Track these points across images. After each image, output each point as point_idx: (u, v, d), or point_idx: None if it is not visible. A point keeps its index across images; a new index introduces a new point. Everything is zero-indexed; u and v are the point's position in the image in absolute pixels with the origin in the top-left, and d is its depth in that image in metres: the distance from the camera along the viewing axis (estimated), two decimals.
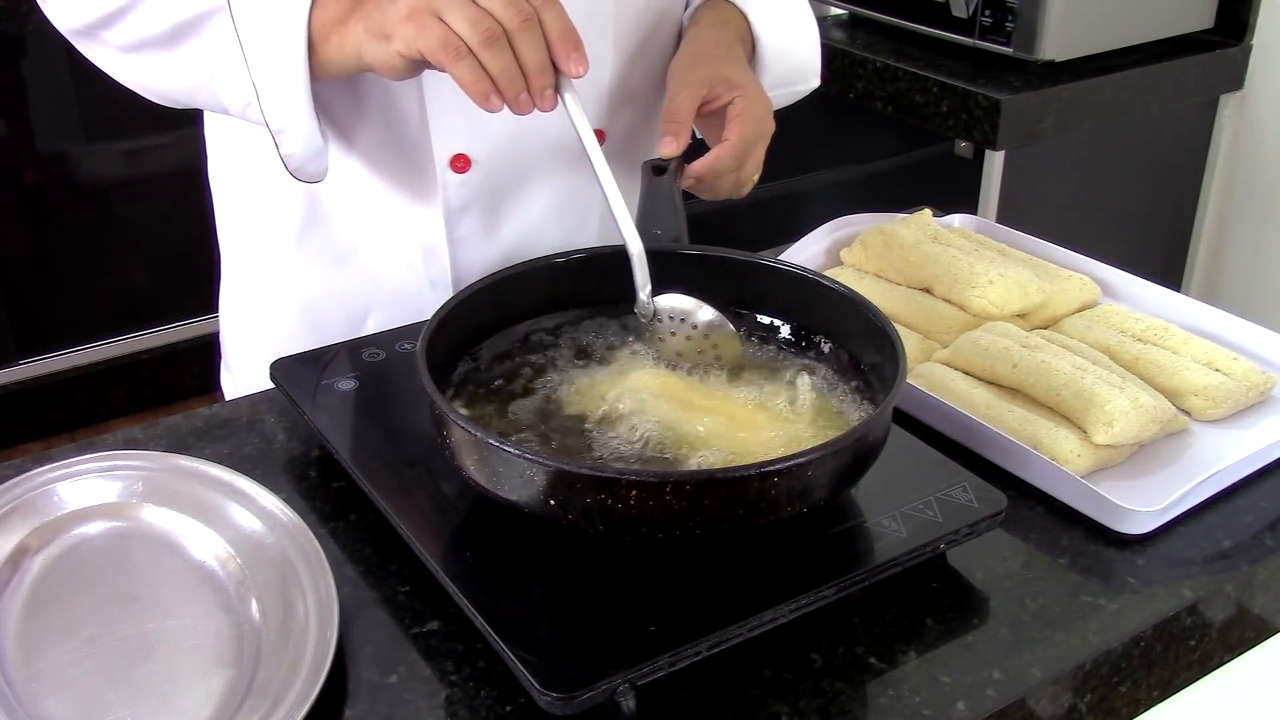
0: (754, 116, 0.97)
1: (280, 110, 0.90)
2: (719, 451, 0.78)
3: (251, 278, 1.15)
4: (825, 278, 0.89)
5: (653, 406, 0.82)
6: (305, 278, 1.10)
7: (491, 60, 0.80)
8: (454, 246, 1.05)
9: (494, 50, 0.79)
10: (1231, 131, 2.20)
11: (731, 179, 0.98)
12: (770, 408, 0.83)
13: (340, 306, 1.10)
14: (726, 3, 1.07)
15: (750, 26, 1.07)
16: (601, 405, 0.83)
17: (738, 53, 1.03)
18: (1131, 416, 0.90)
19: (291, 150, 0.92)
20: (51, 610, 0.74)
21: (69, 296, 2.68)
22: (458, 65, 0.80)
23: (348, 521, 0.84)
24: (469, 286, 0.87)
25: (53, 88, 2.54)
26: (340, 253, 1.08)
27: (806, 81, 1.13)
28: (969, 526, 0.78)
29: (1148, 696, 0.81)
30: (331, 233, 1.07)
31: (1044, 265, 1.13)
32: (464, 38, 0.79)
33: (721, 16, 1.06)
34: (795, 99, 1.14)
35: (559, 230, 1.09)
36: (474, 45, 0.79)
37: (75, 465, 0.82)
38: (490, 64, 0.80)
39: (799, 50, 1.11)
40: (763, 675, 0.72)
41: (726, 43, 1.03)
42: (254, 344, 1.17)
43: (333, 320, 1.10)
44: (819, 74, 1.14)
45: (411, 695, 0.71)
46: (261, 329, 1.16)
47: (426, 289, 1.07)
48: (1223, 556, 0.84)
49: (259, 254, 1.12)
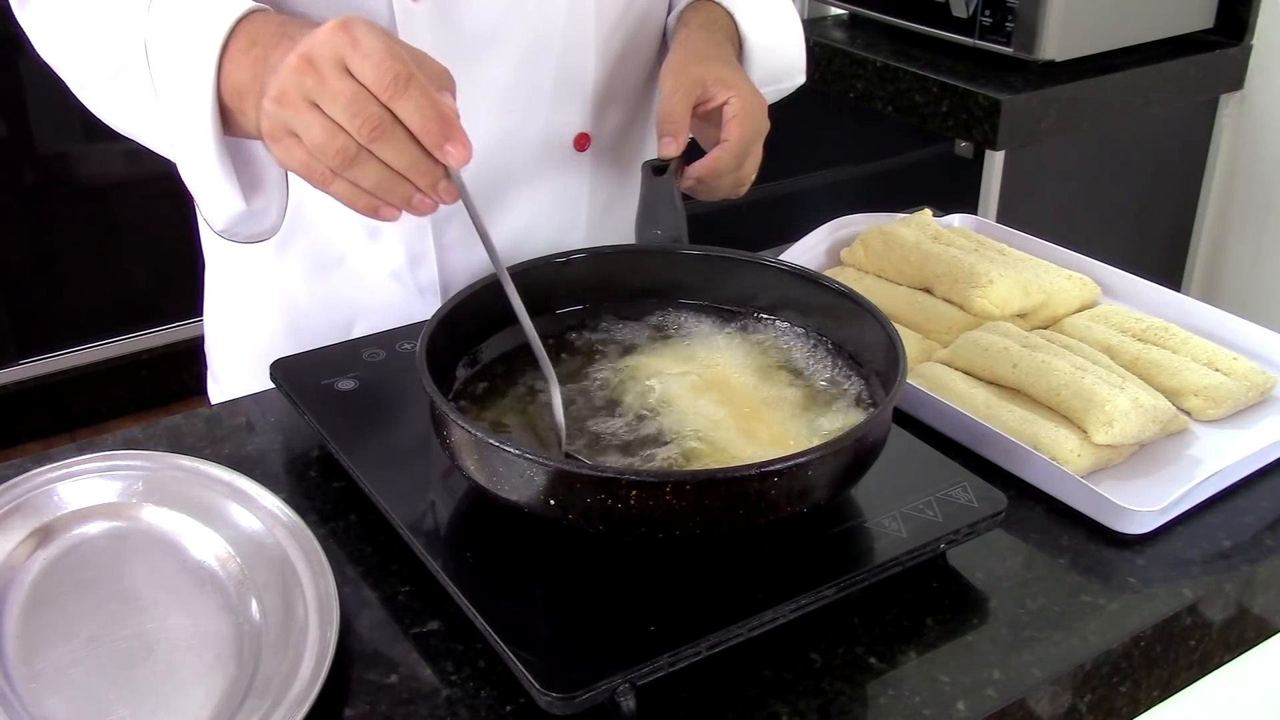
0: (751, 116, 0.97)
1: (195, 176, 0.83)
2: (723, 450, 0.78)
3: (235, 285, 1.14)
4: (825, 278, 0.89)
5: (657, 403, 0.82)
6: (289, 285, 1.08)
7: (360, 178, 0.71)
8: (441, 253, 1.04)
9: (357, 169, 0.71)
10: (1231, 131, 2.20)
11: (731, 179, 0.99)
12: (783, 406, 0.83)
13: (325, 314, 1.09)
14: (713, 3, 1.08)
15: (737, 25, 1.07)
16: (602, 405, 0.83)
17: (728, 52, 1.03)
18: (1131, 416, 0.90)
19: (211, 215, 0.85)
20: (51, 610, 0.74)
21: (69, 296, 2.68)
22: (330, 188, 0.73)
23: (348, 521, 0.84)
24: (469, 286, 0.86)
25: (53, 88, 2.52)
26: (325, 260, 1.06)
27: (792, 78, 1.14)
28: (969, 526, 0.78)
29: (1148, 696, 0.81)
30: (315, 240, 1.05)
31: (1044, 265, 1.13)
32: (323, 162, 0.71)
33: (709, 17, 1.06)
34: (782, 95, 1.14)
35: (547, 233, 1.08)
36: (334, 168, 0.71)
37: (75, 465, 0.82)
38: (361, 182, 0.72)
39: (785, 47, 1.12)
40: (763, 675, 0.72)
41: (717, 43, 1.03)
42: (238, 353, 1.16)
43: (317, 327, 1.08)
44: (804, 70, 1.15)
45: (411, 695, 0.71)
46: (245, 337, 1.14)
47: (415, 296, 1.06)
48: (1223, 556, 0.84)
49: (241, 262, 1.11)
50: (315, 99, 0.70)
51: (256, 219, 0.86)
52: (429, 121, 0.70)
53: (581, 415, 0.82)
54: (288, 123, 0.72)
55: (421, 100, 0.69)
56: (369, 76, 0.69)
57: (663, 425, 0.81)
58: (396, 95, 0.69)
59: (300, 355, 0.95)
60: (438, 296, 1.06)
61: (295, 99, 0.71)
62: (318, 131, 0.70)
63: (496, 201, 1.04)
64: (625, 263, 0.94)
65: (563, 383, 0.86)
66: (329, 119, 0.70)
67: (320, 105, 0.70)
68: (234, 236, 0.87)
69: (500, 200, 1.05)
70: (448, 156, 0.71)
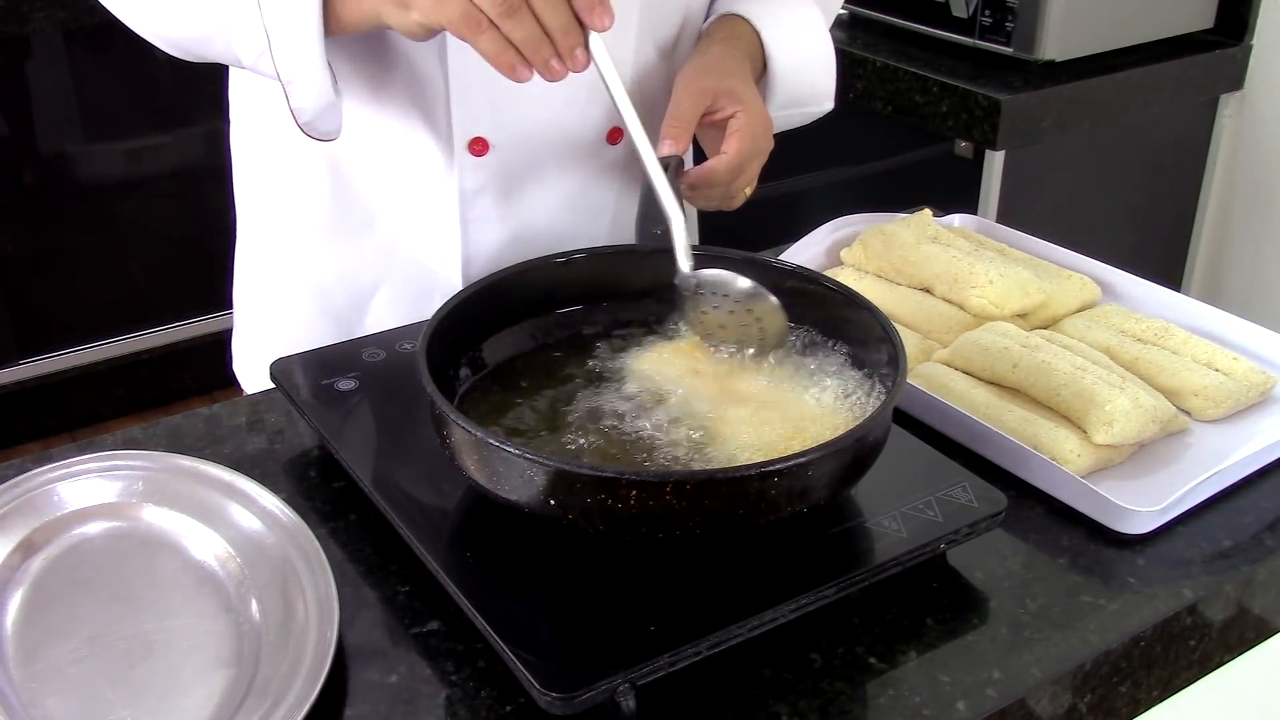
0: (753, 134, 0.98)
1: (292, 61, 0.89)
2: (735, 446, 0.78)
3: (264, 254, 1.16)
4: (825, 278, 0.89)
5: (653, 402, 0.82)
6: (321, 242, 1.11)
7: (514, 30, 0.80)
8: (466, 227, 1.06)
9: (515, 19, 0.80)
10: (1231, 131, 2.20)
11: (721, 191, 1.00)
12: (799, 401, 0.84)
13: (351, 278, 1.11)
14: (741, 19, 1.08)
15: (763, 45, 1.07)
16: (602, 404, 0.83)
17: (745, 69, 1.04)
18: (1131, 416, 0.90)
19: (302, 103, 0.91)
20: (51, 610, 0.74)
21: (69, 296, 2.68)
22: (480, 38, 0.81)
23: (348, 521, 0.84)
24: (469, 286, 0.87)
25: (53, 88, 2.54)
26: (358, 220, 1.09)
27: (819, 104, 1.13)
28: (969, 526, 0.78)
29: (1148, 696, 0.81)
30: (351, 198, 1.08)
31: (1044, 265, 1.13)
32: (484, 9, 0.80)
33: (734, 32, 1.07)
34: (807, 120, 1.14)
35: (572, 223, 1.10)
36: (494, 17, 0.80)
37: (75, 465, 0.82)
38: (513, 34, 0.80)
39: (812, 71, 1.11)
40: (763, 675, 0.72)
41: (735, 58, 1.04)
42: (264, 330, 1.18)
43: (340, 289, 1.11)
44: (833, 97, 1.14)
45: (411, 695, 0.71)
46: (272, 311, 1.17)
47: (438, 266, 1.08)
48: (1223, 556, 0.84)
49: (277, 215, 1.13)
50: None
51: (332, 115, 0.94)
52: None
53: (582, 415, 0.82)
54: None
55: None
56: None
57: (663, 423, 0.81)
58: None
59: (300, 355, 0.95)
60: (458, 270, 1.08)
61: None
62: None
63: (525, 186, 1.06)
64: (625, 263, 0.94)
65: (563, 381, 0.86)
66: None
67: None
68: (312, 129, 0.94)
69: (529, 185, 1.07)
70: (600, 16, 0.81)
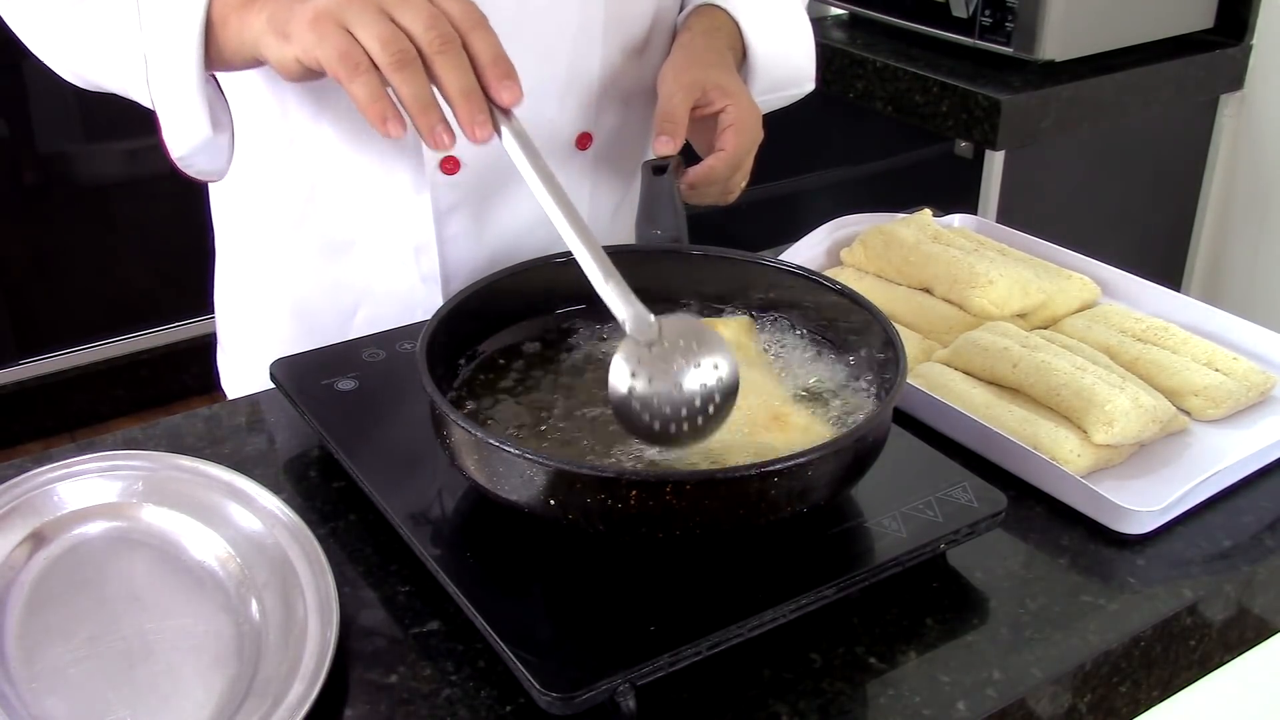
0: (746, 126, 0.98)
1: (166, 91, 0.84)
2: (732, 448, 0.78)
3: (244, 271, 1.16)
4: (825, 278, 0.89)
5: None
6: (298, 270, 1.10)
7: (402, 85, 0.72)
8: (443, 245, 1.06)
9: (405, 74, 0.72)
10: (1231, 131, 2.20)
11: (720, 188, 1.00)
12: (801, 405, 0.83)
13: (330, 300, 1.10)
14: (719, 9, 1.08)
15: (742, 33, 1.07)
16: (602, 404, 0.83)
17: (728, 60, 1.04)
18: (1131, 416, 0.90)
19: (174, 137, 0.86)
20: (51, 610, 0.74)
21: (69, 296, 2.68)
22: (354, 81, 0.73)
23: (348, 521, 0.84)
24: (469, 286, 0.87)
25: (53, 88, 2.53)
26: (335, 244, 1.08)
27: (800, 86, 1.14)
28: (969, 526, 0.78)
29: (1148, 696, 0.81)
30: (327, 222, 1.07)
31: (1044, 265, 1.13)
32: (373, 56, 0.72)
33: (714, 23, 1.07)
34: (788, 103, 1.15)
35: (548, 232, 1.09)
36: (383, 67, 0.72)
37: (75, 465, 0.82)
38: (401, 89, 0.72)
39: (792, 56, 1.12)
40: (763, 675, 0.72)
41: (718, 50, 1.04)
42: (246, 341, 1.18)
43: (321, 311, 1.11)
44: (813, 79, 1.15)
45: (411, 695, 0.71)
46: (253, 323, 1.16)
47: (418, 284, 1.08)
48: (1223, 556, 0.84)
49: (253, 246, 1.13)
50: (389, 8, 0.73)
51: (212, 155, 0.89)
52: (500, 56, 0.74)
53: (582, 414, 0.82)
54: (339, 15, 0.73)
55: (494, 39, 0.74)
56: (454, 9, 0.73)
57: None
58: (475, 28, 0.73)
59: (300, 355, 0.95)
60: (439, 286, 1.07)
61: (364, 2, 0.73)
62: (382, 29, 0.72)
63: (499, 200, 1.05)
64: (625, 263, 0.93)
65: (563, 381, 0.86)
66: (396, 24, 0.72)
67: (392, 13, 0.73)
68: (188, 167, 0.89)
69: (503, 199, 1.06)
70: (506, 90, 0.74)
